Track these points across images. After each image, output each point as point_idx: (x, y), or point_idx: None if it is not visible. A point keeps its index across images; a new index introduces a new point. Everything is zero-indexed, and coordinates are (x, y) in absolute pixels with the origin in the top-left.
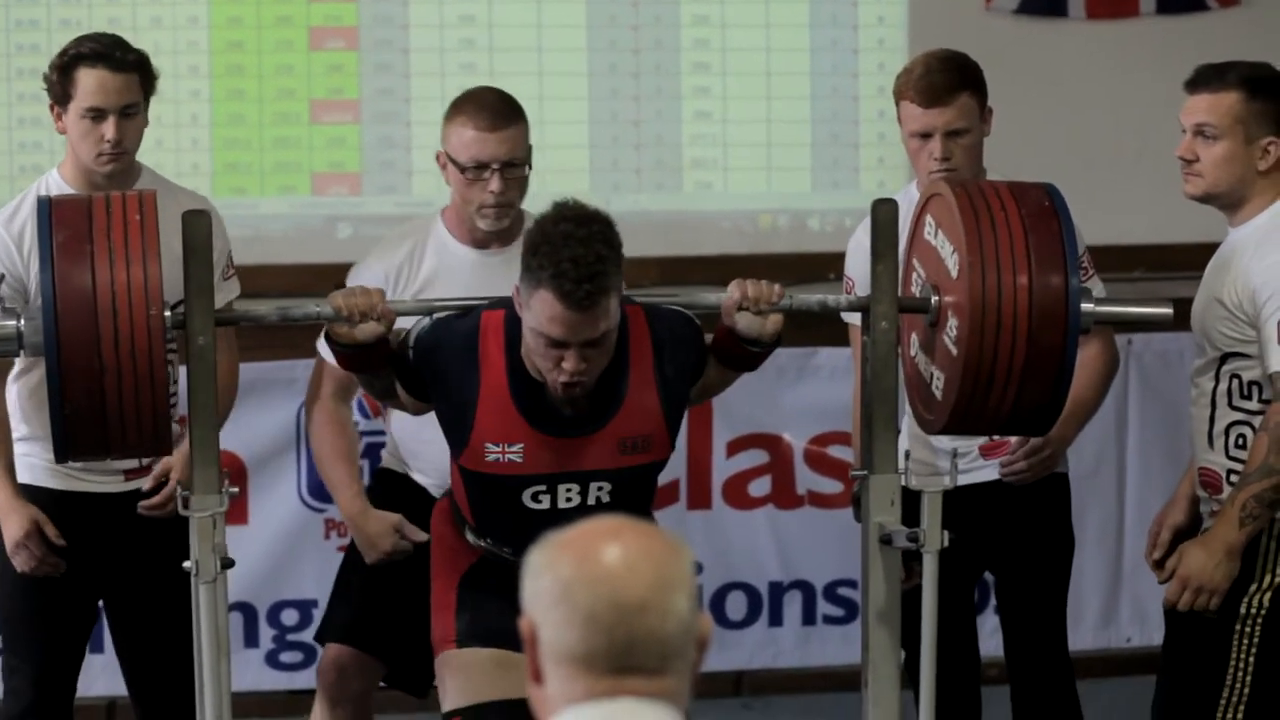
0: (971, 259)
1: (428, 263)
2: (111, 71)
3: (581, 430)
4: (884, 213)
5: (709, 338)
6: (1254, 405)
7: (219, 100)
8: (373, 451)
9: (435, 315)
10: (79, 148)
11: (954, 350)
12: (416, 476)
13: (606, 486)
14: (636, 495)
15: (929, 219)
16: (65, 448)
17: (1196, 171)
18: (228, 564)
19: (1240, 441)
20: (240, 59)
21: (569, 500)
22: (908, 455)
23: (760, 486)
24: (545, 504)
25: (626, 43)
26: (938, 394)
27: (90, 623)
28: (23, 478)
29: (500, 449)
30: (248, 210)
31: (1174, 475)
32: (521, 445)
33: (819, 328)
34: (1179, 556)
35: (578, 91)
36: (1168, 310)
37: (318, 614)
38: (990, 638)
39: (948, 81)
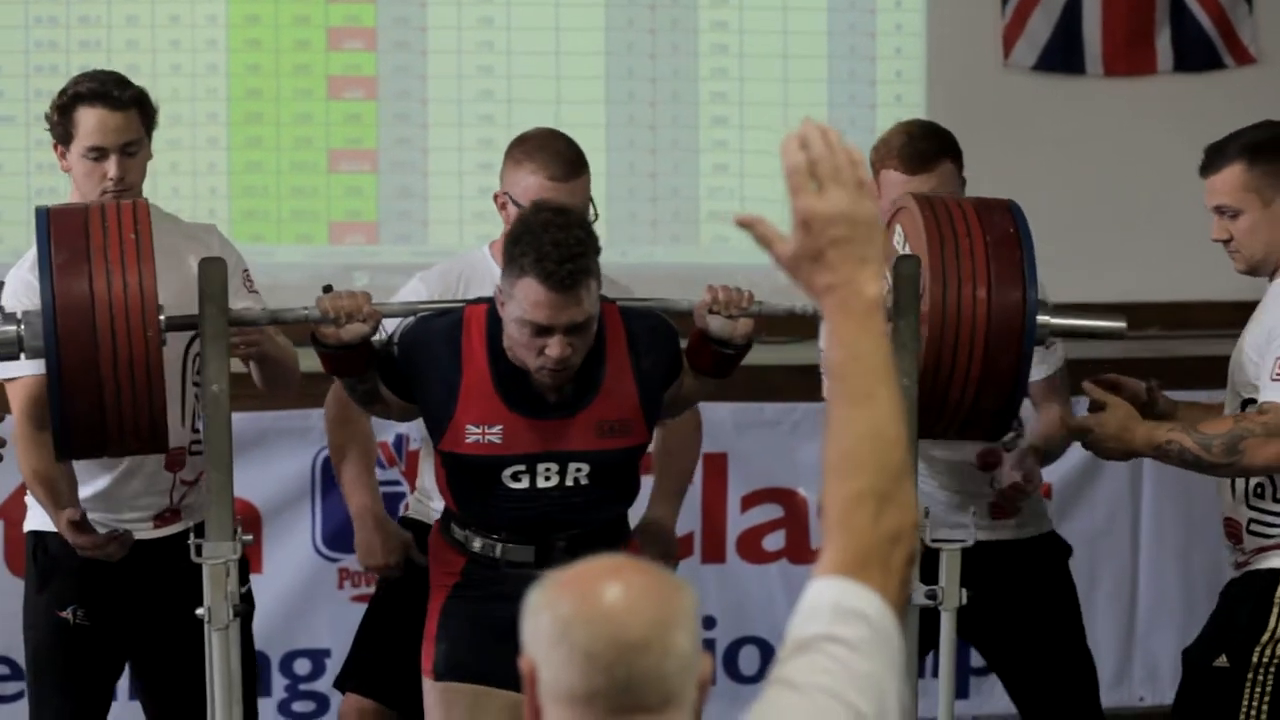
0: (934, 271)
1: (474, 294)
2: (110, 110)
3: (560, 413)
4: (906, 268)
5: (684, 344)
6: None
7: (237, 148)
8: (391, 502)
9: (419, 314)
10: (83, 186)
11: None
12: None
13: (585, 468)
14: (615, 478)
15: (898, 229)
16: (64, 446)
17: (1234, 249)
18: (245, 610)
19: (1259, 490)
20: (259, 107)
21: (547, 480)
22: (926, 513)
23: (774, 541)
24: (525, 483)
25: (644, 95)
26: None
27: (117, 672)
28: (48, 526)
29: (480, 430)
30: (265, 258)
31: (1188, 534)
32: (501, 427)
33: None
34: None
35: (595, 143)
36: (1121, 324)
37: (330, 663)
38: (1002, 697)
39: (931, 148)
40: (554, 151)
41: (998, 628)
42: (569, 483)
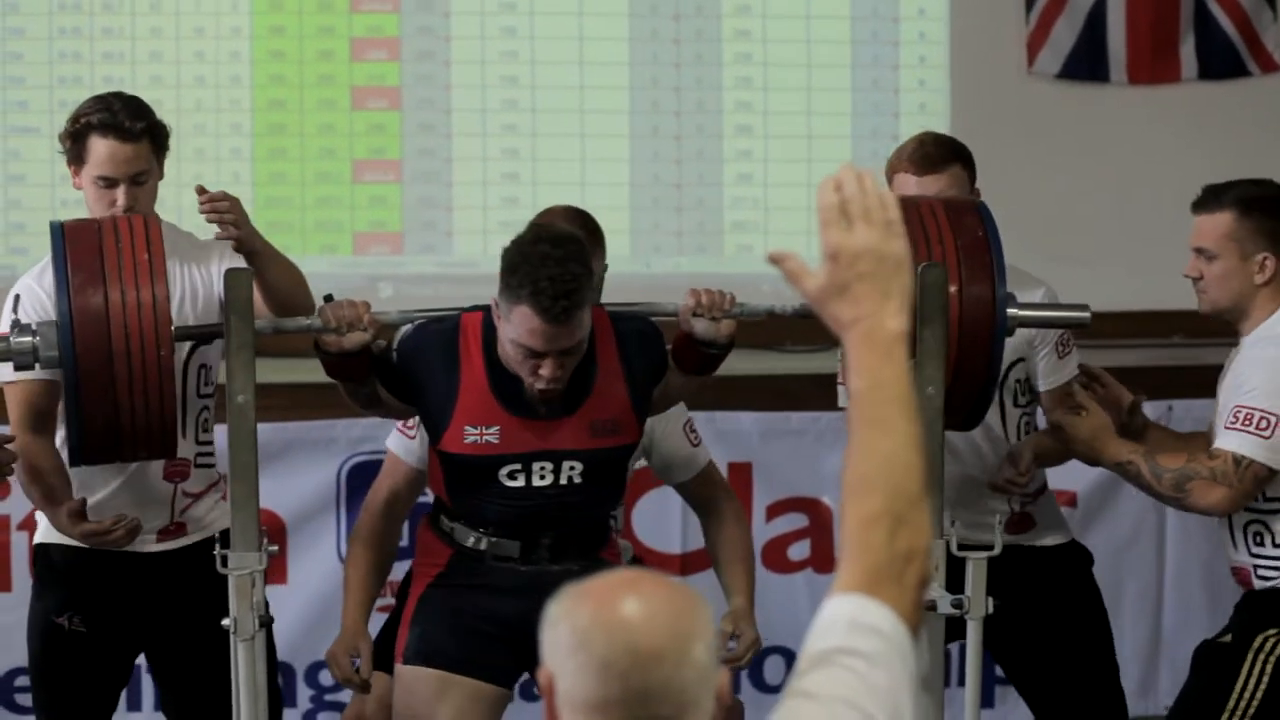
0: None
1: None
2: (121, 142)
3: (554, 413)
4: (933, 277)
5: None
6: (1264, 505)
7: (260, 159)
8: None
9: (416, 321)
10: (93, 208)
11: None
12: None
13: (579, 466)
14: (607, 476)
15: None
16: (79, 452)
17: (1201, 289)
18: (266, 622)
19: (1259, 539)
20: (283, 118)
21: (542, 478)
22: (953, 522)
23: (800, 550)
24: (520, 481)
25: (669, 105)
26: None
27: (122, 682)
28: (54, 538)
29: (478, 431)
30: None
31: (1212, 544)
32: (498, 427)
33: None
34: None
35: (619, 153)
36: (1085, 314)
37: None
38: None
39: (941, 153)
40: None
41: (1019, 638)
42: (563, 481)
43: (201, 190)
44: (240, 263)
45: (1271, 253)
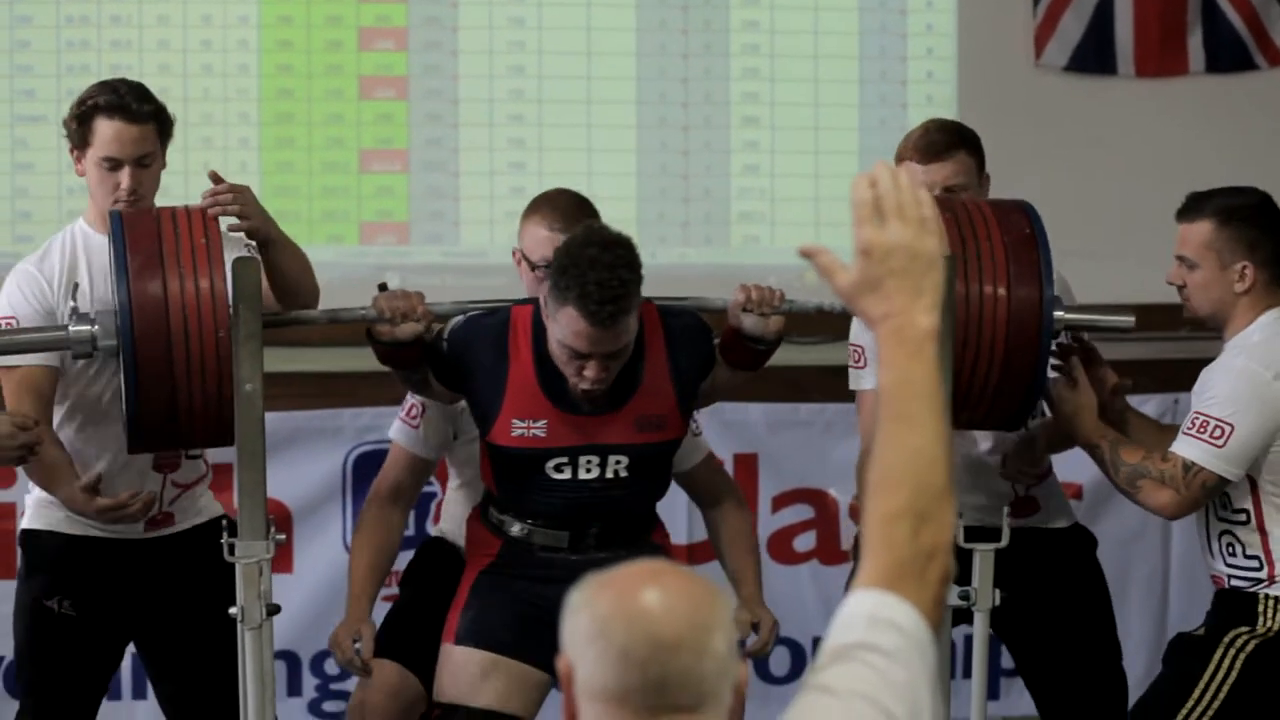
0: (955, 270)
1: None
2: (127, 123)
3: (601, 409)
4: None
5: (716, 341)
6: (1232, 516)
7: (268, 148)
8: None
9: (468, 313)
10: (96, 193)
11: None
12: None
13: (624, 460)
14: (652, 471)
15: None
16: (137, 438)
17: (1185, 296)
18: (273, 610)
19: (1230, 550)
20: (290, 107)
21: (589, 471)
22: (960, 514)
23: (805, 541)
24: (567, 474)
25: (676, 96)
26: None
27: (111, 668)
28: (41, 524)
29: (526, 425)
30: None
31: None
32: (545, 422)
33: None
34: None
35: (626, 144)
36: (1130, 320)
37: None
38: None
39: (947, 140)
40: (556, 204)
41: (1025, 620)
42: (609, 475)
43: (215, 178)
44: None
45: (1251, 262)
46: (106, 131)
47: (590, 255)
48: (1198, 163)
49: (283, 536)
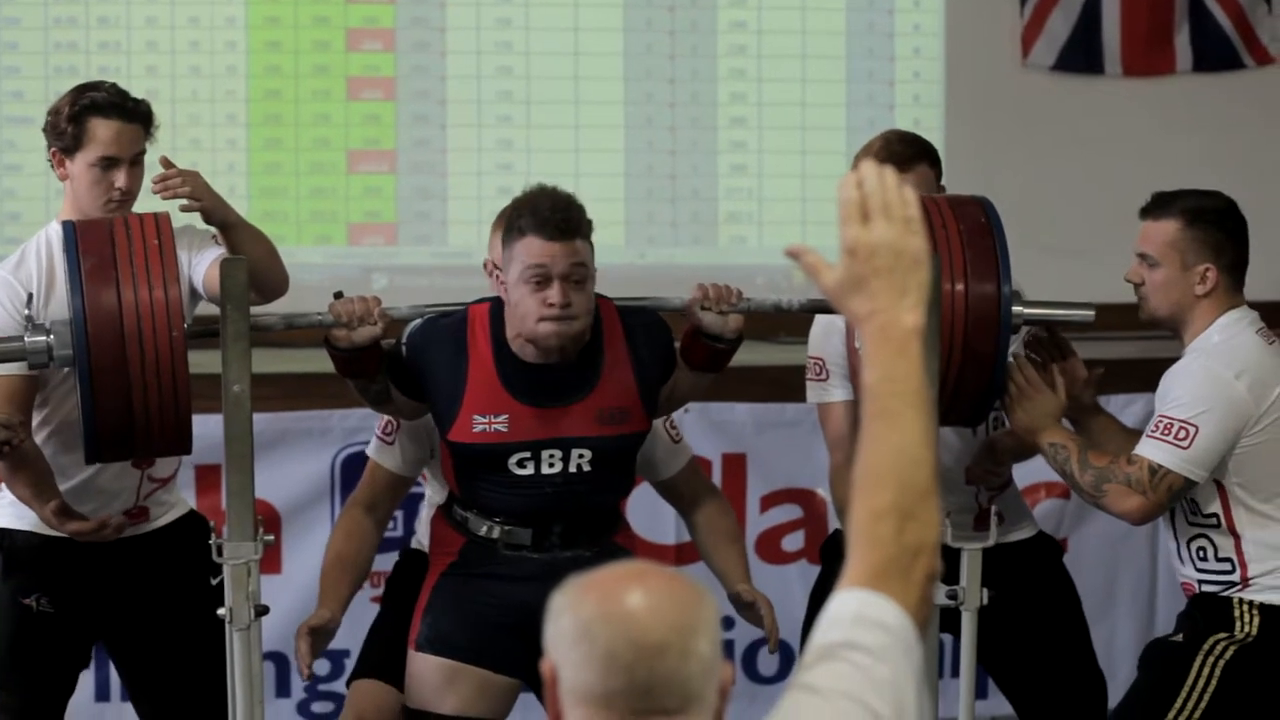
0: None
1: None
2: (125, 121)
3: (561, 401)
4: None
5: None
6: (1202, 520)
7: (256, 149)
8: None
9: (425, 316)
10: (85, 195)
11: None
12: None
13: (587, 454)
14: (615, 465)
15: None
16: (94, 450)
17: (1142, 295)
18: (261, 612)
19: (1201, 554)
20: (278, 108)
21: (551, 466)
22: (948, 514)
23: (794, 541)
24: (530, 469)
25: (663, 96)
26: None
27: (80, 665)
28: (15, 524)
29: (487, 420)
30: (284, 259)
31: None
32: (506, 416)
33: None
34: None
35: (613, 144)
36: (1089, 313)
37: (349, 663)
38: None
39: (908, 151)
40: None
41: (998, 633)
42: (572, 469)
43: (166, 163)
44: (210, 245)
45: (1214, 264)
46: (105, 131)
47: (538, 190)
48: (1185, 162)
49: (271, 538)
